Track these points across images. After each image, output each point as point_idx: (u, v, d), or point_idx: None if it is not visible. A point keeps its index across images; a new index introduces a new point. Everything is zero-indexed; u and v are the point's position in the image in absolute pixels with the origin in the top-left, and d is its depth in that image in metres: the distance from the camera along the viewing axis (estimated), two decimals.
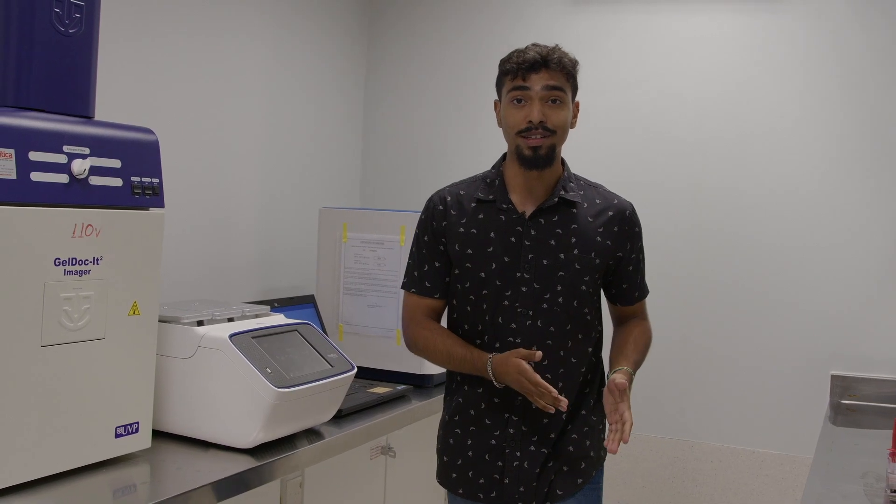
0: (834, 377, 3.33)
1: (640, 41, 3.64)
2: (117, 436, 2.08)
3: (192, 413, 2.30)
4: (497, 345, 2.29)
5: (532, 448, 2.30)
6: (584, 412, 2.35)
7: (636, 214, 2.39)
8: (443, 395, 3.04)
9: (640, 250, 2.42)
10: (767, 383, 3.45)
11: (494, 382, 2.24)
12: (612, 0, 3.68)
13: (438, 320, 2.43)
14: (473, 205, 2.35)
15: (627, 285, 2.41)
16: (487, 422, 2.33)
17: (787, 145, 3.43)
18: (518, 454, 2.30)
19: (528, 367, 2.16)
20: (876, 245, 3.32)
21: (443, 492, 3.52)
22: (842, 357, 3.34)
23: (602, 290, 2.42)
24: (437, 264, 2.38)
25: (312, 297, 3.28)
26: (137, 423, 2.13)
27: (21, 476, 1.88)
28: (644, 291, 2.47)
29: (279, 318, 2.54)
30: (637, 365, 2.31)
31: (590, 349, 2.36)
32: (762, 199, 3.46)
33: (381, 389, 2.90)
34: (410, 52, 4.05)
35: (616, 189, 2.43)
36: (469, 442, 2.35)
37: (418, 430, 3.13)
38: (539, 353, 2.19)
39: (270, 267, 3.50)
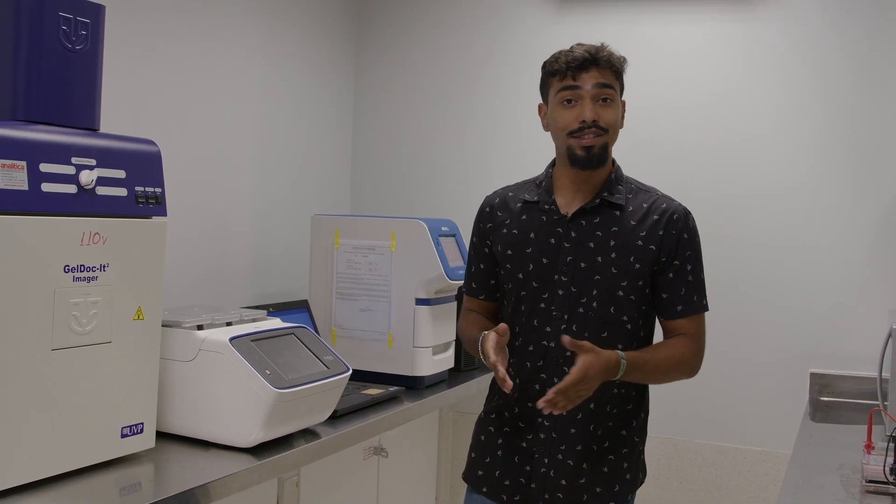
0: (813, 375, 3.41)
1: (623, 50, 3.71)
2: (123, 436, 2.15)
3: (193, 414, 2.36)
4: (530, 348, 2.25)
5: (560, 456, 2.24)
6: (624, 432, 2.28)
7: (688, 220, 2.28)
8: (434, 396, 3.14)
9: (689, 260, 2.26)
10: (749, 381, 3.53)
11: (482, 359, 2.19)
12: (595, 10, 3.77)
13: (494, 322, 2.38)
14: (519, 206, 2.35)
15: (668, 295, 2.26)
16: (521, 425, 2.29)
17: (767, 150, 3.52)
18: (546, 461, 2.25)
19: (492, 336, 2.11)
20: (854, 247, 3.41)
21: (432, 492, 3.62)
22: (820, 355, 3.43)
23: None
24: (481, 266, 2.41)
25: (306, 301, 3.34)
26: (142, 423, 2.20)
27: (32, 475, 1.95)
28: (690, 308, 2.26)
29: (276, 322, 2.61)
30: (640, 364, 2.16)
31: None
32: (743, 203, 3.55)
33: (374, 391, 2.98)
34: (398, 60, 4.13)
35: None
36: (500, 441, 2.33)
37: (410, 430, 3.21)
38: (503, 326, 2.12)
39: (265, 273, 3.56)
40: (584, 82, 2.20)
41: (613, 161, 2.34)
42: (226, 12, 3.31)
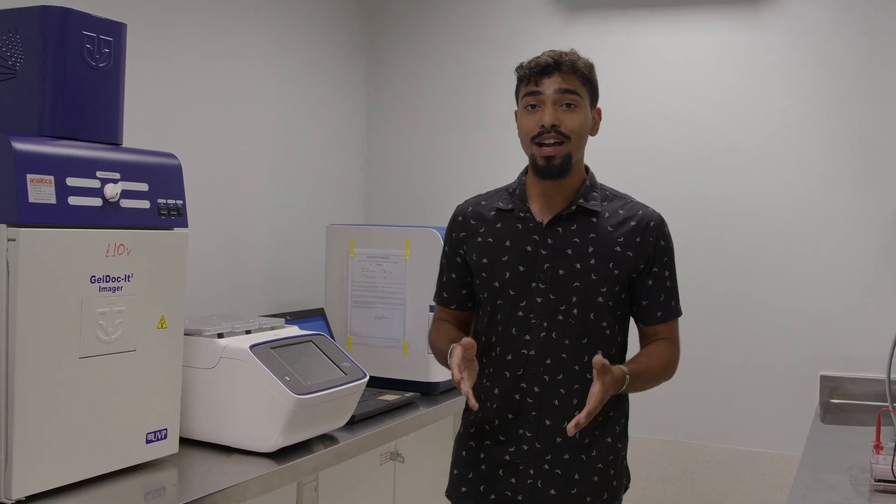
0: (823, 377, 3.45)
1: (630, 59, 3.78)
2: (148, 442, 2.21)
3: (215, 420, 2.42)
4: (509, 357, 2.22)
5: (546, 467, 2.21)
6: (609, 439, 2.26)
7: (664, 227, 2.28)
8: (449, 402, 3.18)
9: (667, 266, 2.27)
10: (761, 385, 3.57)
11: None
12: (604, 19, 3.82)
13: (465, 331, 2.40)
14: (493, 214, 2.32)
15: (647, 302, 2.26)
16: (502, 438, 2.26)
17: (774, 155, 3.56)
18: (531, 472, 2.22)
19: (458, 351, 2.08)
20: (861, 250, 3.45)
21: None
22: (830, 358, 3.46)
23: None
24: (453, 276, 2.39)
25: (322, 310, 3.40)
26: (166, 429, 2.26)
27: (60, 479, 2.01)
28: (669, 313, 2.29)
29: (294, 330, 2.66)
30: (639, 375, 2.16)
31: None
32: (752, 208, 3.59)
33: (390, 397, 3.02)
34: (409, 71, 4.19)
35: None
36: (482, 455, 2.29)
37: (426, 436, 3.24)
38: (469, 341, 2.10)
39: (282, 282, 3.62)
40: (545, 87, 2.18)
41: (587, 168, 2.33)
42: (240, 27, 3.38)
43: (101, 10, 2.17)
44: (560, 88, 2.17)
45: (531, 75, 2.20)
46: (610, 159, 3.75)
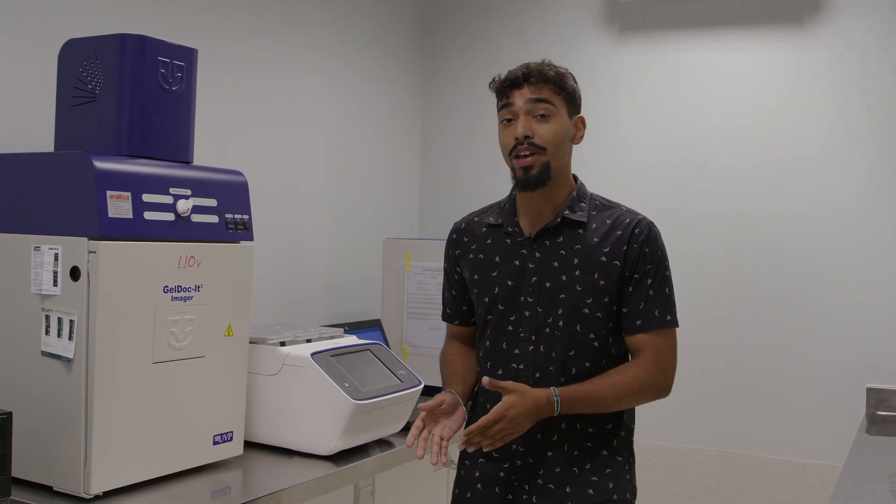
0: (870, 390, 3.47)
1: (681, 76, 3.84)
2: (214, 443, 2.34)
3: (277, 424, 2.54)
4: (500, 371, 2.21)
5: (540, 482, 2.19)
6: (605, 452, 2.20)
7: (651, 233, 2.19)
8: None
9: (651, 274, 2.17)
10: (807, 396, 3.60)
11: None
12: (654, 39, 3.90)
13: (470, 345, 2.41)
14: (484, 230, 2.32)
15: (626, 310, 2.17)
16: (496, 455, 2.23)
17: (819, 168, 3.60)
18: (526, 487, 2.20)
19: (433, 403, 2.13)
20: None
21: None
22: (877, 370, 3.49)
23: None
24: (453, 292, 2.41)
25: (378, 321, 3.51)
26: (232, 432, 2.38)
27: (134, 477, 2.14)
28: (649, 322, 2.16)
29: (352, 339, 2.78)
30: (579, 395, 2.08)
31: None
32: (798, 220, 3.64)
33: None
34: (463, 88, 4.28)
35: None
36: (477, 474, 2.28)
37: None
38: (452, 400, 2.16)
39: (340, 294, 3.74)
40: (517, 99, 2.17)
41: (576, 178, 2.30)
42: (300, 46, 3.51)
43: (171, 31, 2.30)
44: (531, 98, 2.16)
45: (503, 89, 2.21)
46: (659, 173, 3.85)
